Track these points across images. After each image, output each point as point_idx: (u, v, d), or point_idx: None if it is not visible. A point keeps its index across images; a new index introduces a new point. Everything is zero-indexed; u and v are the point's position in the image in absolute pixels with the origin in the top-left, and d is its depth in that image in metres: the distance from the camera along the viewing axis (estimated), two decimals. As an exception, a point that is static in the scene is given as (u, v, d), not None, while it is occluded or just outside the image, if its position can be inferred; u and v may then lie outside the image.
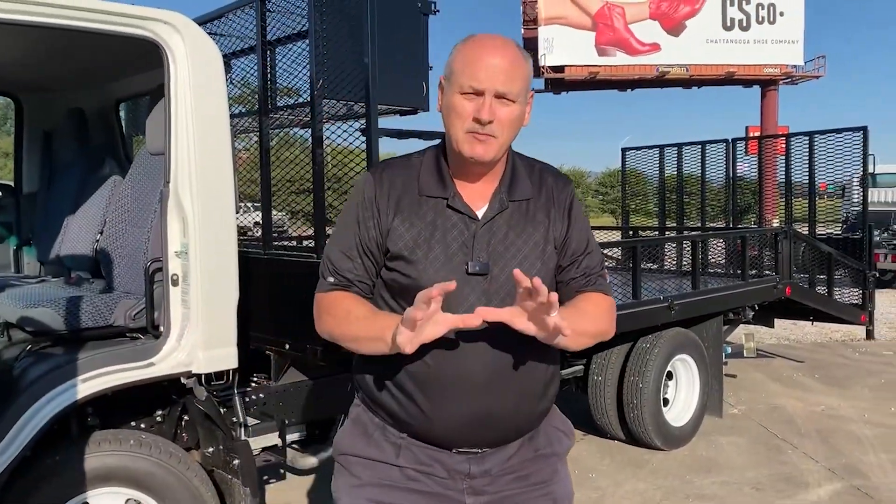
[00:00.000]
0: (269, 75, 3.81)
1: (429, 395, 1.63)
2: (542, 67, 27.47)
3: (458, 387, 1.61)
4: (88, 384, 2.63)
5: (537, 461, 1.75)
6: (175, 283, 2.76)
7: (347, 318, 1.65)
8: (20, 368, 2.78)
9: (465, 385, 1.61)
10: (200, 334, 2.79)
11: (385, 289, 1.70)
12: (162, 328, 2.80)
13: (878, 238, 12.08)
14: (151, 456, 2.78)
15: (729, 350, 6.26)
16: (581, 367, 5.23)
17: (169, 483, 2.79)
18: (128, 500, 2.78)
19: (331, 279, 1.71)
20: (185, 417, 3.10)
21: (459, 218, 1.65)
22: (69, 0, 2.53)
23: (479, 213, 1.66)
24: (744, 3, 27.90)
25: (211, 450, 3.07)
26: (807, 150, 8.57)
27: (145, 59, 2.89)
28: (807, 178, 8.58)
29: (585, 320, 1.66)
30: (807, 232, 8.32)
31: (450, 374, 1.61)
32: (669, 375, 5.35)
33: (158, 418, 3.04)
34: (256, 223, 5.57)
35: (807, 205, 8.64)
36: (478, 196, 1.68)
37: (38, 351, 2.85)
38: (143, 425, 2.98)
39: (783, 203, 8.95)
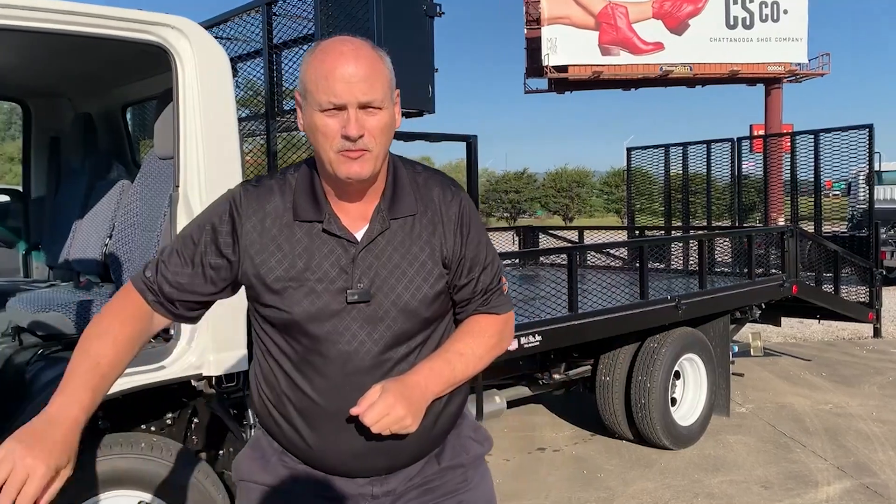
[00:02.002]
0: (275, 79, 3.82)
1: (313, 428, 1.55)
2: (546, 67, 27.48)
3: (340, 420, 1.52)
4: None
5: (444, 474, 1.68)
6: (185, 287, 2.77)
7: (76, 353, 1.47)
8: (32, 372, 2.80)
9: (349, 419, 1.51)
10: (211, 337, 2.80)
11: (267, 324, 1.57)
12: (172, 331, 2.81)
13: (884, 236, 12.06)
14: (163, 459, 2.79)
15: (736, 349, 6.26)
16: (589, 367, 5.24)
17: (180, 485, 2.80)
18: (139, 503, 2.79)
19: (148, 273, 1.57)
20: (196, 420, 3.12)
21: (337, 242, 1.52)
22: (77, 6, 2.54)
23: (359, 235, 1.53)
24: (747, 1, 27.85)
25: (221, 452, 3.08)
26: (812, 148, 8.56)
27: (152, 63, 2.90)
28: (812, 176, 8.58)
29: (462, 367, 1.59)
30: (813, 230, 8.31)
31: (333, 408, 1.52)
32: (677, 375, 5.35)
33: (169, 421, 3.06)
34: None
35: (812, 203, 8.64)
36: (358, 216, 1.54)
37: (49, 355, 2.87)
38: (153, 428, 2.99)
39: (788, 201, 8.94)
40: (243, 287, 1.60)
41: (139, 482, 2.76)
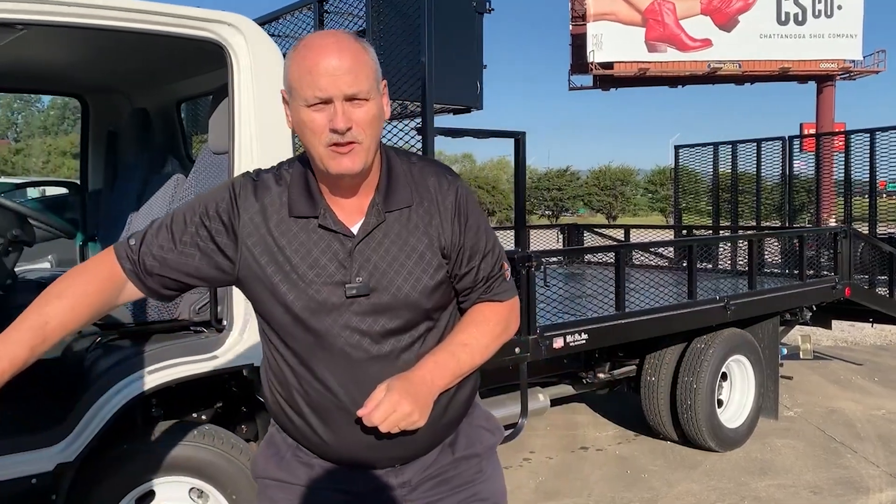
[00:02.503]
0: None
1: (325, 422, 1.56)
2: (591, 64, 27.24)
3: (351, 413, 1.51)
4: (155, 376, 2.71)
5: (458, 464, 1.68)
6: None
7: (31, 307, 1.46)
8: (90, 360, 2.89)
9: (356, 410, 1.51)
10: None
11: (272, 320, 1.56)
12: (225, 322, 2.87)
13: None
14: (214, 446, 2.85)
15: (785, 351, 6.15)
16: (634, 367, 5.19)
17: (231, 473, 2.86)
18: (191, 489, 2.86)
19: (133, 242, 1.56)
20: (245, 409, 3.18)
21: (333, 237, 1.51)
22: (135, 3, 2.61)
23: (355, 230, 1.52)
24: (799, -4, 27.24)
25: (270, 442, 3.13)
26: (867, 147, 8.33)
27: (208, 60, 2.96)
28: (866, 176, 8.35)
29: (467, 357, 1.59)
30: (867, 231, 8.10)
31: (342, 401, 1.53)
32: (724, 376, 5.27)
33: (219, 410, 3.12)
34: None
35: (866, 203, 8.41)
36: (353, 210, 1.54)
37: (106, 343, 2.95)
38: (204, 416, 3.06)
39: (840, 202, 8.72)
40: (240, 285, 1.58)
41: (191, 469, 2.83)
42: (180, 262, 1.54)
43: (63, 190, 5.15)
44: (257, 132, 2.85)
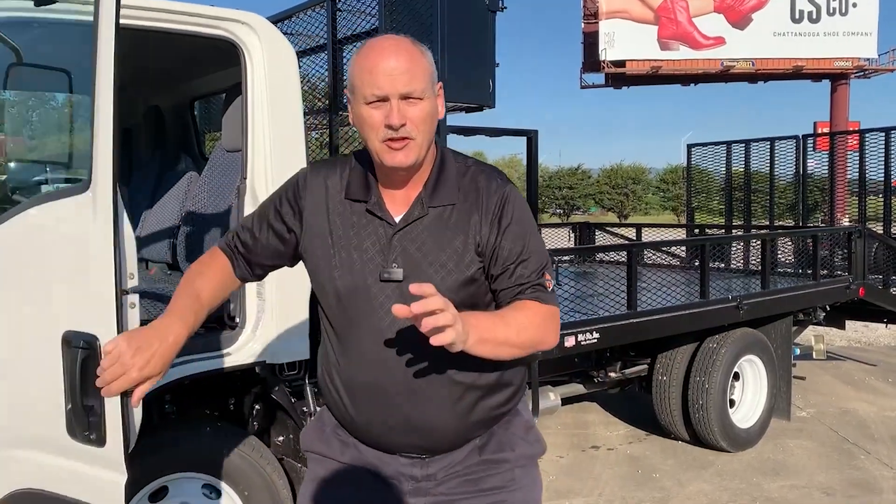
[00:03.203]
0: (338, 74, 3.87)
1: (355, 402, 1.66)
2: (603, 62, 27.12)
3: (377, 395, 1.62)
4: (168, 372, 2.72)
5: (487, 466, 1.70)
6: (250, 276, 2.84)
7: (182, 283, 1.70)
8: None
9: (383, 393, 1.62)
10: (275, 326, 2.86)
11: (319, 306, 1.71)
12: (238, 319, 2.88)
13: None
14: (227, 444, 2.86)
15: (798, 351, 6.11)
16: (645, 366, 5.18)
17: (243, 470, 2.87)
18: (204, 486, 2.87)
19: (229, 235, 1.79)
20: (257, 406, 3.19)
21: (379, 223, 1.63)
22: (149, 2, 2.62)
23: (398, 219, 1.63)
24: (814, -6, 27.03)
25: (282, 438, 3.15)
26: (881, 146, 8.27)
27: (221, 58, 2.97)
28: (881, 175, 8.28)
29: (505, 329, 1.54)
30: (881, 231, 8.04)
31: (367, 379, 1.63)
32: (736, 376, 5.25)
33: (231, 407, 3.14)
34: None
35: (881, 203, 8.34)
36: (401, 201, 1.65)
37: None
38: (217, 413, 3.07)
39: (853, 201, 8.66)
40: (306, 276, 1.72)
41: (203, 465, 2.85)
42: (262, 246, 1.73)
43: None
44: (271, 130, 2.86)
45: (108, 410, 1.94)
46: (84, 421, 1.95)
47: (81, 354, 1.92)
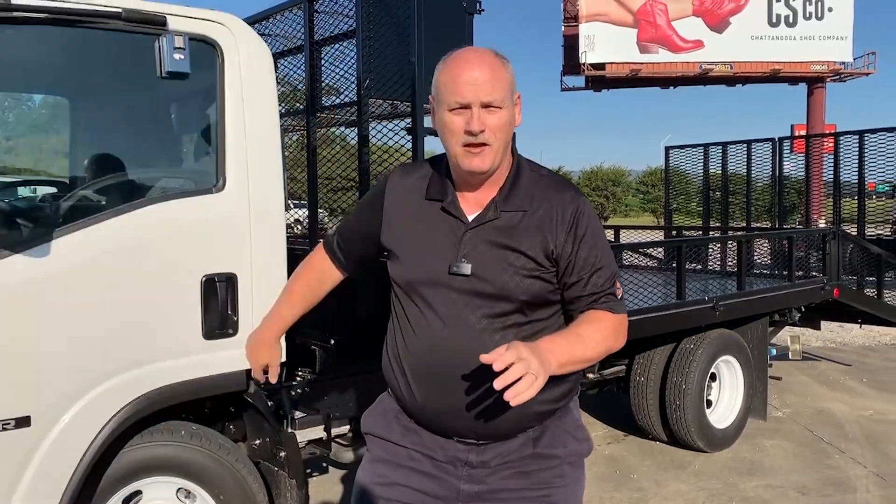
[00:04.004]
0: (316, 75, 3.86)
1: (418, 384, 1.77)
2: (583, 65, 27.25)
3: (442, 379, 1.73)
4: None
5: (539, 460, 1.79)
6: (226, 279, 2.82)
7: (290, 281, 2.21)
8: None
9: (448, 378, 1.72)
10: (251, 328, 2.84)
11: (395, 287, 1.85)
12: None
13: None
14: (202, 447, 2.84)
15: (774, 352, 6.17)
16: (623, 367, 5.20)
17: (219, 474, 2.85)
18: (178, 490, 2.84)
19: (331, 232, 2.05)
20: (233, 410, 3.16)
21: (453, 221, 1.75)
22: (124, 2, 2.59)
23: (471, 218, 1.75)
24: (790, -2, 27.34)
25: (258, 442, 3.12)
26: (856, 149, 8.38)
27: (197, 59, 2.95)
28: (855, 177, 8.39)
29: (582, 348, 1.69)
30: (855, 233, 8.14)
31: (433, 365, 1.74)
32: (713, 377, 5.29)
33: (207, 411, 3.11)
34: (297, 220, 5.64)
35: (855, 205, 8.46)
36: (475, 203, 1.77)
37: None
38: (192, 417, 3.04)
39: (829, 203, 8.77)
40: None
41: (179, 469, 2.82)
42: (354, 242, 1.99)
43: (52, 189, 5.11)
44: (246, 130, 2.84)
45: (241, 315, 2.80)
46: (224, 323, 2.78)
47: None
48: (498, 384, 1.45)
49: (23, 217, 2.78)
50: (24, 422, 2.40)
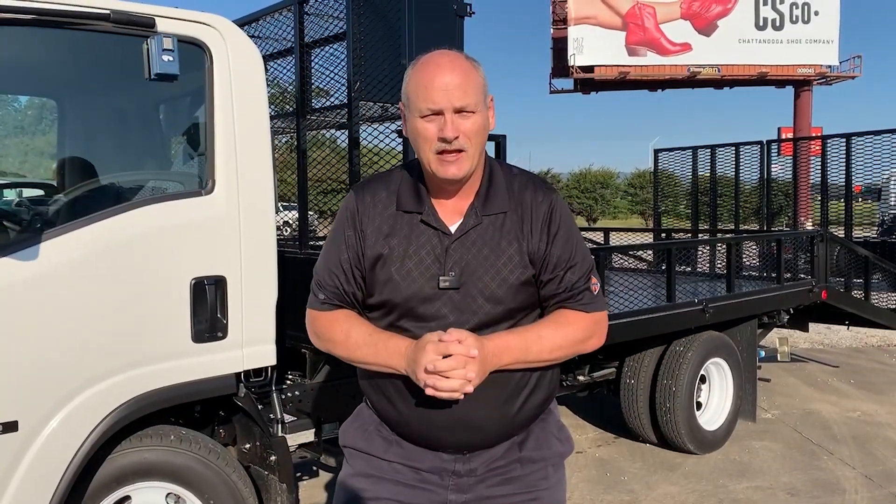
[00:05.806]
0: (306, 77, 3.84)
1: (407, 401, 1.70)
2: (572, 67, 27.34)
3: (431, 395, 1.63)
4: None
5: (525, 464, 1.77)
6: (215, 282, 2.81)
7: (347, 343, 1.73)
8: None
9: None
10: (241, 331, 2.83)
11: (371, 309, 1.76)
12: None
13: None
14: (191, 451, 2.82)
15: (763, 354, 6.20)
16: (613, 369, 5.21)
17: (208, 478, 2.83)
18: (168, 495, 2.83)
19: (321, 296, 1.76)
20: (223, 413, 3.15)
21: (433, 233, 1.68)
22: (113, 3, 2.58)
23: (453, 228, 1.69)
24: (777, 2, 27.52)
25: (248, 446, 3.11)
26: (843, 151, 8.44)
27: (186, 60, 2.93)
28: (842, 180, 8.45)
29: (536, 349, 1.68)
30: (843, 235, 8.20)
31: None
32: (703, 379, 5.31)
33: (197, 415, 3.09)
34: (286, 223, 5.61)
35: (842, 207, 8.51)
36: (453, 211, 1.71)
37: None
38: (181, 421, 3.03)
39: (816, 205, 8.82)
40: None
41: (168, 474, 2.80)
42: (360, 284, 1.74)
43: (38, 191, 5.07)
44: (235, 132, 2.83)
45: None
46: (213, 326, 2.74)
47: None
48: (429, 392, 1.54)
49: (8, 219, 2.76)
50: (11, 427, 2.38)
